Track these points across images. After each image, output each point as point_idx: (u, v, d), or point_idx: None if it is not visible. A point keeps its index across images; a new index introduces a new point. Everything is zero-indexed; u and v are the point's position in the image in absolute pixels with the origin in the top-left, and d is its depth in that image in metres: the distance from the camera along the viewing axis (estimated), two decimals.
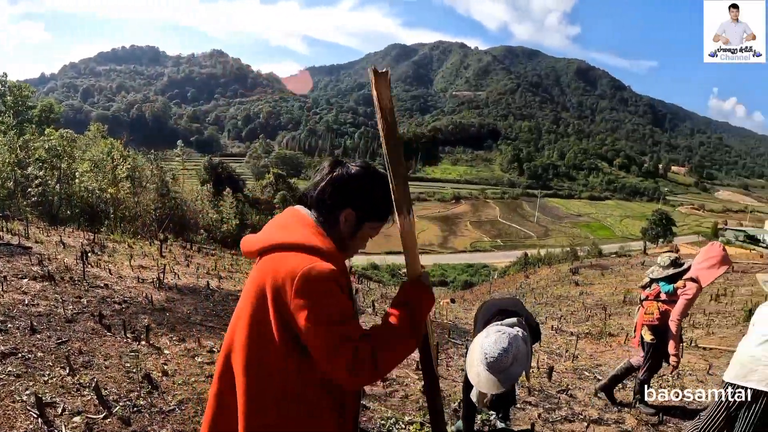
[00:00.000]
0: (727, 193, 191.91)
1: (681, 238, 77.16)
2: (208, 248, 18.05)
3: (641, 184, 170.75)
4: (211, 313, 6.88)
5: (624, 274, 25.34)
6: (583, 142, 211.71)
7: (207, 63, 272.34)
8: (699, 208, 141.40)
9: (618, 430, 4.24)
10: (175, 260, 12.16)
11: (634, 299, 16.34)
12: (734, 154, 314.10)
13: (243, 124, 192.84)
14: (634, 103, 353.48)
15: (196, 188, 25.46)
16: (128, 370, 3.81)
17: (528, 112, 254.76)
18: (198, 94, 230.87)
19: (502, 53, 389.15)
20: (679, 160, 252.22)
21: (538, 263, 41.86)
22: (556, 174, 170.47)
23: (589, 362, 7.29)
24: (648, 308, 4.80)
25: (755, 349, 3.11)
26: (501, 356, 2.65)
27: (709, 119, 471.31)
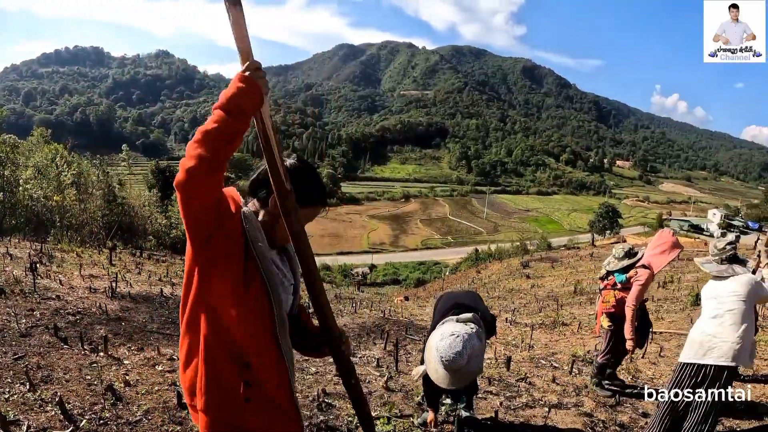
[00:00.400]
0: (670, 185, 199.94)
1: (627, 229, 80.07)
2: (158, 255, 17.66)
3: (587, 178, 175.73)
4: (167, 321, 6.79)
5: (574, 266, 26.06)
6: (529, 139, 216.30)
7: (152, 64, 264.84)
8: (644, 200, 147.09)
9: (577, 413, 4.43)
10: (126, 268, 11.87)
11: (585, 290, 16.94)
12: (677, 148, 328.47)
13: (190, 127, 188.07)
14: (579, 101, 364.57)
15: (144, 193, 24.80)
16: (89, 382, 3.74)
17: (475, 110, 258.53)
18: (143, 96, 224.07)
19: (449, 53, 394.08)
20: (623, 154, 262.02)
21: (489, 258, 42.61)
22: (504, 171, 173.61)
23: (545, 351, 7.57)
24: (605, 297, 5.10)
25: (708, 327, 3.39)
26: (456, 358, 2.74)
27: (652, 115, 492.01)
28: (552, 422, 4.15)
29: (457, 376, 2.79)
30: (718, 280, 3.57)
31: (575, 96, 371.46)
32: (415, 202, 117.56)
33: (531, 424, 4.07)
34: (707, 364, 3.31)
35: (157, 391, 3.75)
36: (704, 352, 3.34)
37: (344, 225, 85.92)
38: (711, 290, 3.59)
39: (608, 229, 65.76)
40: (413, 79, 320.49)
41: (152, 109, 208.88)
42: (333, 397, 4.14)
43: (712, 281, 3.64)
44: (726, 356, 3.24)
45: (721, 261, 3.59)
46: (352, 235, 78.73)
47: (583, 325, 10.20)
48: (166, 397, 3.64)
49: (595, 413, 4.48)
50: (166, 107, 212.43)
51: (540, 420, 4.19)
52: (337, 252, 63.94)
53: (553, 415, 4.35)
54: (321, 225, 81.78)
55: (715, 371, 3.29)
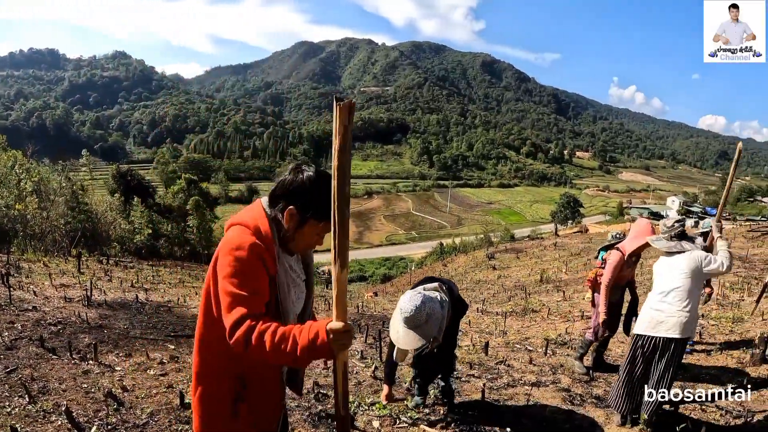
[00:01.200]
0: (629, 174, 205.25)
1: (589, 218, 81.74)
2: (125, 261, 17.41)
3: (548, 170, 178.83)
4: (149, 326, 6.82)
5: (538, 256, 26.65)
6: (490, 133, 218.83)
7: (109, 65, 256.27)
8: (604, 190, 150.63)
9: (556, 389, 4.75)
10: (95, 276, 11.72)
11: (551, 278, 17.43)
12: (635, 138, 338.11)
13: (149, 129, 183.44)
14: (538, 94, 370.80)
15: (106, 199, 24.31)
16: (87, 390, 3.79)
17: (436, 105, 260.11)
18: (101, 98, 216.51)
19: (409, 49, 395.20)
20: (583, 145, 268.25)
21: (454, 252, 43.06)
22: (466, 164, 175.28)
23: (518, 336, 7.89)
24: (591, 272, 5.52)
25: (657, 302, 3.68)
26: (414, 312, 2.91)
27: (610, 106, 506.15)
28: (534, 398, 4.43)
29: (416, 333, 2.93)
30: (668, 257, 3.82)
31: (534, 89, 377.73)
32: (377, 199, 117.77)
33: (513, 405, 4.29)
34: (657, 336, 3.59)
35: (155, 394, 3.83)
36: (654, 326, 3.61)
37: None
38: (660, 266, 3.86)
39: (570, 219, 67.28)
40: (373, 75, 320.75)
41: (110, 111, 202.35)
42: (326, 387, 4.29)
43: (663, 257, 3.89)
44: (673, 329, 3.51)
45: (671, 237, 3.84)
46: None
47: (552, 311, 10.56)
48: (167, 398, 3.72)
49: (572, 388, 4.83)
50: (124, 109, 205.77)
51: (522, 397, 4.47)
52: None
53: (534, 391, 4.65)
54: None
55: (665, 342, 3.56)
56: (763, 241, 20.22)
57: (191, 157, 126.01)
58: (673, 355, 3.58)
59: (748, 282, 10.93)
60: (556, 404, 4.33)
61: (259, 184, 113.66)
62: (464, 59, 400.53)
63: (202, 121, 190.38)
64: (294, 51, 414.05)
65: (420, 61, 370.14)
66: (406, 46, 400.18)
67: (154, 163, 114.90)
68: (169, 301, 9.29)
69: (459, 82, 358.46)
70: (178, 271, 16.65)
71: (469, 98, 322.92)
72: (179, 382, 4.22)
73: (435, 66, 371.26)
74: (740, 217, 51.47)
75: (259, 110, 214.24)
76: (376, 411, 3.79)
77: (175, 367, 4.76)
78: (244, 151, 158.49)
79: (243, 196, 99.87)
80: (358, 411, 3.76)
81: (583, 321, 8.91)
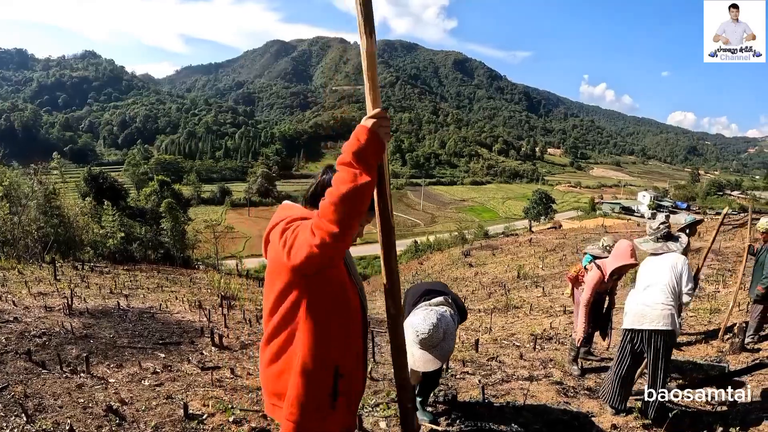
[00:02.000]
0: (600, 170, 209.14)
1: (561, 214, 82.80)
2: (99, 266, 17.06)
3: (520, 167, 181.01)
4: (135, 334, 6.68)
5: (514, 252, 26.90)
6: (462, 131, 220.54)
7: (79, 66, 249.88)
8: (576, 186, 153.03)
9: (549, 383, 4.91)
10: (72, 282, 11.48)
11: (528, 275, 17.62)
12: (606, 135, 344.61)
13: (119, 130, 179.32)
14: (510, 91, 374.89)
15: (78, 202, 23.77)
16: (84, 405, 3.69)
17: (408, 104, 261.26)
18: (70, 99, 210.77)
19: (381, 47, 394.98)
20: (554, 142, 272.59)
21: (429, 249, 43.22)
22: (438, 162, 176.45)
23: (504, 333, 8.02)
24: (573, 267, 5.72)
25: (641, 297, 3.82)
26: (432, 332, 2.82)
27: (581, 103, 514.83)
28: (530, 392, 4.54)
29: (433, 354, 2.83)
30: (654, 256, 4.00)
31: (506, 87, 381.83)
32: None
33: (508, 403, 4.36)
34: (643, 329, 3.72)
35: (155, 405, 3.76)
36: (639, 319, 3.74)
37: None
38: (646, 265, 4.02)
39: (543, 215, 68.15)
40: (345, 74, 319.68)
41: (79, 112, 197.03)
42: None
43: (649, 257, 4.05)
44: (657, 321, 3.63)
45: (657, 239, 4.00)
46: None
47: (534, 307, 10.71)
48: (168, 410, 3.66)
49: (564, 381, 5.00)
50: (93, 110, 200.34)
51: (519, 391, 4.58)
52: None
53: (528, 385, 4.77)
54: (258, 225, 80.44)
55: (650, 335, 3.68)
56: (734, 234, 20.76)
57: (162, 159, 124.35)
58: (661, 348, 3.67)
59: (722, 274, 11.29)
60: (551, 397, 4.45)
61: (231, 184, 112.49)
62: (436, 58, 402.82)
63: (173, 122, 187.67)
64: (266, 50, 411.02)
65: (392, 59, 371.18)
66: (379, 45, 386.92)
67: (125, 164, 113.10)
68: (151, 307, 9.14)
69: (431, 81, 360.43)
70: (155, 276, 16.36)
71: (441, 96, 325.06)
72: (177, 391, 4.17)
73: (407, 65, 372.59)
74: (710, 211, 52.85)
75: (231, 110, 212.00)
76: (381, 412, 3.81)
77: (170, 376, 4.70)
78: (216, 152, 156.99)
79: (215, 197, 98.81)
80: (362, 413, 3.76)
81: (566, 316, 9.07)
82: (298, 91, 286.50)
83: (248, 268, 34.13)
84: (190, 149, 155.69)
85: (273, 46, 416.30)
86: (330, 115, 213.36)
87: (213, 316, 8.61)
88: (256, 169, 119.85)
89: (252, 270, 35.88)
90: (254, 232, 75.05)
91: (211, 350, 6.13)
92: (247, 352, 6.30)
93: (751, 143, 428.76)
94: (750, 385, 4.66)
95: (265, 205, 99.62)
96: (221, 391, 4.30)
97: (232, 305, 10.72)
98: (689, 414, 4.05)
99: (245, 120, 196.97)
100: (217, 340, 6.39)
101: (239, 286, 15.93)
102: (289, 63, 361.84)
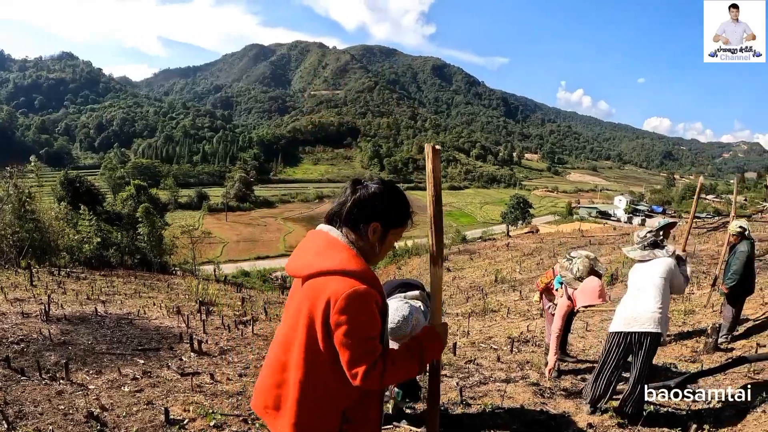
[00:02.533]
0: (577, 175, 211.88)
1: (538, 219, 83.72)
2: (76, 272, 16.83)
3: (498, 172, 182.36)
4: (113, 341, 6.65)
5: (492, 257, 27.13)
6: (440, 136, 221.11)
7: (56, 67, 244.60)
8: (553, 191, 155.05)
9: (526, 384, 5.02)
10: (48, 288, 11.33)
11: (506, 279, 17.80)
12: (582, 140, 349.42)
13: (96, 133, 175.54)
14: (488, 97, 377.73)
15: (54, 207, 23.41)
16: (65, 412, 3.69)
17: (386, 109, 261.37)
18: (46, 101, 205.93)
19: (360, 52, 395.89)
20: (531, 147, 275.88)
21: (407, 254, 43.28)
22: (416, 167, 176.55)
23: (482, 336, 8.12)
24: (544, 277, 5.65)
25: (632, 302, 3.93)
26: (401, 323, 2.86)
27: (558, 109, 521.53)
28: (507, 394, 4.63)
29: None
30: (642, 263, 4.12)
31: (484, 93, 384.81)
32: (328, 203, 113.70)
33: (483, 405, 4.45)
34: (632, 331, 3.82)
35: (136, 411, 3.77)
36: (629, 323, 3.84)
37: (260, 229, 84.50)
38: (635, 272, 4.13)
39: (520, 220, 68.75)
40: (324, 79, 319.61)
41: (56, 115, 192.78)
42: None
43: (637, 265, 4.16)
44: (647, 324, 3.74)
45: (644, 247, 4.12)
46: (269, 239, 77.41)
47: (512, 311, 10.85)
48: (149, 416, 3.67)
49: (541, 383, 5.10)
50: (70, 113, 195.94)
51: (496, 393, 4.67)
52: (254, 257, 62.77)
53: (505, 387, 4.87)
54: (236, 231, 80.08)
55: (640, 337, 3.79)
56: (708, 237, 21.23)
57: (139, 162, 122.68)
58: (648, 349, 3.80)
59: (697, 276, 11.54)
60: (528, 398, 4.54)
61: (209, 189, 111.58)
62: (415, 63, 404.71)
63: (150, 125, 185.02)
64: (244, 54, 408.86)
65: (371, 64, 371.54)
66: (357, 50, 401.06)
67: (102, 168, 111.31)
68: (129, 313, 9.07)
69: (409, 86, 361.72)
70: (132, 281, 16.18)
71: (419, 102, 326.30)
72: (157, 397, 4.18)
73: (386, 70, 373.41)
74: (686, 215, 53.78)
75: (209, 114, 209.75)
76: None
77: (150, 382, 4.70)
78: (194, 156, 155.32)
79: (193, 201, 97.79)
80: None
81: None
82: (277, 96, 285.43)
83: (226, 274, 33.85)
84: (168, 153, 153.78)
85: (252, 49, 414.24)
86: (308, 120, 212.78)
87: (191, 322, 8.58)
88: (234, 173, 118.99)
89: (229, 275, 35.58)
90: (232, 237, 74.57)
91: (191, 356, 6.13)
92: (227, 357, 6.30)
93: (725, 148, 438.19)
94: (724, 384, 4.81)
95: (242, 210, 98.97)
96: (201, 396, 4.32)
97: (210, 311, 10.68)
98: (663, 413, 4.16)
99: (223, 124, 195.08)
100: (196, 345, 6.38)
101: (217, 291, 15.85)
102: (267, 67, 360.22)
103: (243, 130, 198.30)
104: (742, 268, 6.19)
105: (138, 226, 28.87)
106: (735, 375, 5.04)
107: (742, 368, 5.09)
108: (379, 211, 1.77)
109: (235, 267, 50.17)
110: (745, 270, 6.21)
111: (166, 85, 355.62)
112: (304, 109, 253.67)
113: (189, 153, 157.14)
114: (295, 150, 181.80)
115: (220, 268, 36.11)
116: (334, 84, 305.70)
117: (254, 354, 6.59)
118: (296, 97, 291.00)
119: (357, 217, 1.77)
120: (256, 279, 45.57)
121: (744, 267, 6.20)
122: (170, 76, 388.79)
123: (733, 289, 6.27)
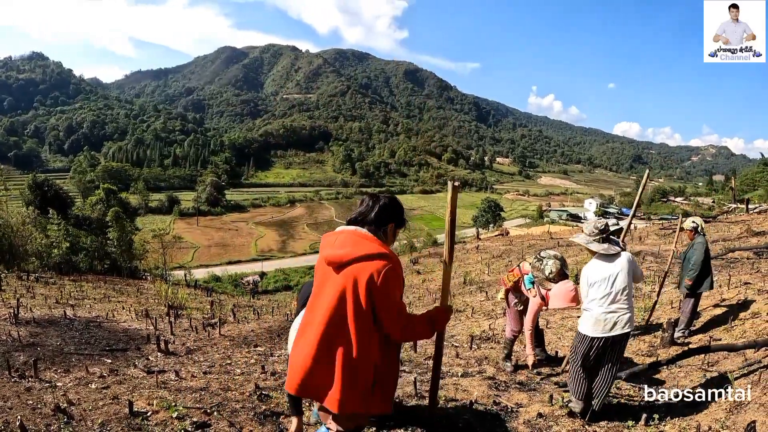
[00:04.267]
0: (548, 179, 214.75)
1: (510, 222, 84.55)
2: (45, 277, 16.67)
3: (469, 175, 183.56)
4: (82, 342, 6.77)
5: (461, 259, 27.34)
6: (412, 140, 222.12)
7: (26, 67, 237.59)
8: (524, 194, 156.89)
9: (482, 378, 5.27)
10: (17, 293, 11.28)
11: (474, 281, 18.05)
12: (554, 144, 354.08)
13: (65, 136, 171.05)
14: (459, 102, 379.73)
15: (22, 211, 23.03)
16: (33, 406, 3.82)
17: (358, 113, 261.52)
18: (15, 102, 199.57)
19: (332, 56, 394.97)
20: (503, 152, 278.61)
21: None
22: (388, 171, 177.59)
23: (445, 335, 8.31)
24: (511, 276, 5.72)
25: (609, 305, 3.96)
26: None
27: (529, 114, 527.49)
28: (462, 387, 4.88)
29: None
30: (604, 260, 4.05)
31: (456, 97, 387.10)
32: (300, 207, 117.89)
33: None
34: (613, 335, 3.92)
35: (102, 405, 3.91)
36: (610, 327, 3.91)
37: (231, 233, 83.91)
38: (596, 271, 4.05)
39: (491, 223, 69.56)
40: (296, 82, 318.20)
41: (25, 117, 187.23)
42: (267, 389, 4.56)
43: (597, 261, 4.09)
44: (627, 326, 3.90)
45: (602, 240, 4.07)
46: (240, 244, 76.90)
47: (476, 310, 11.10)
48: (114, 409, 3.81)
49: (497, 377, 5.36)
50: (39, 115, 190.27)
51: (452, 386, 4.90)
52: (226, 262, 62.32)
53: (461, 381, 5.12)
54: (207, 235, 79.31)
55: (620, 338, 3.94)
56: (673, 238, 21.83)
57: (110, 166, 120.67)
58: (622, 346, 4.01)
59: (659, 275, 11.92)
60: (483, 391, 4.76)
61: (179, 193, 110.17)
62: (387, 67, 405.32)
63: (121, 128, 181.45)
64: (217, 56, 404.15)
65: (343, 68, 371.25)
66: (330, 54, 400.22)
67: (71, 172, 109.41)
68: (98, 317, 9.13)
69: (382, 90, 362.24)
70: (101, 286, 16.09)
71: (391, 106, 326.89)
72: (123, 393, 4.32)
73: (358, 74, 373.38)
74: (654, 216, 55.00)
75: (180, 117, 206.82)
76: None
77: (116, 379, 4.85)
78: (164, 160, 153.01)
79: (163, 206, 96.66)
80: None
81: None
82: (249, 99, 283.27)
83: (197, 279, 33.65)
84: (138, 157, 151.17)
85: (224, 52, 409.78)
86: (280, 124, 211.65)
87: (159, 325, 8.69)
88: (205, 177, 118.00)
89: (201, 280, 35.39)
90: (203, 242, 73.88)
91: (157, 356, 6.27)
92: (193, 357, 6.45)
93: (694, 152, 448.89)
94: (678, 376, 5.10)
95: (214, 215, 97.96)
96: (166, 392, 4.46)
97: (179, 314, 10.76)
98: (615, 404, 4.38)
99: (195, 127, 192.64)
100: (163, 346, 6.53)
101: (187, 296, 15.84)
102: (240, 70, 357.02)
103: (215, 133, 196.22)
104: (701, 259, 6.51)
105: (108, 231, 28.54)
106: (689, 368, 5.30)
107: (697, 361, 5.37)
108: (394, 215, 2.62)
109: (207, 272, 49.90)
110: (703, 263, 6.54)
111: (138, 87, 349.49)
112: (277, 113, 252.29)
113: (160, 156, 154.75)
114: (267, 154, 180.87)
115: (191, 273, 35.86)
116: (306, 88, 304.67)
117: (219, 354, 6.74)
118: (268, 101, 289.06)
119: (380, 219, 2.55)
120: (227, 284, 45.39)
121: (702, 261, 6.53)
122: (142, 78, 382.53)
123: (695, 279, 6.56)
